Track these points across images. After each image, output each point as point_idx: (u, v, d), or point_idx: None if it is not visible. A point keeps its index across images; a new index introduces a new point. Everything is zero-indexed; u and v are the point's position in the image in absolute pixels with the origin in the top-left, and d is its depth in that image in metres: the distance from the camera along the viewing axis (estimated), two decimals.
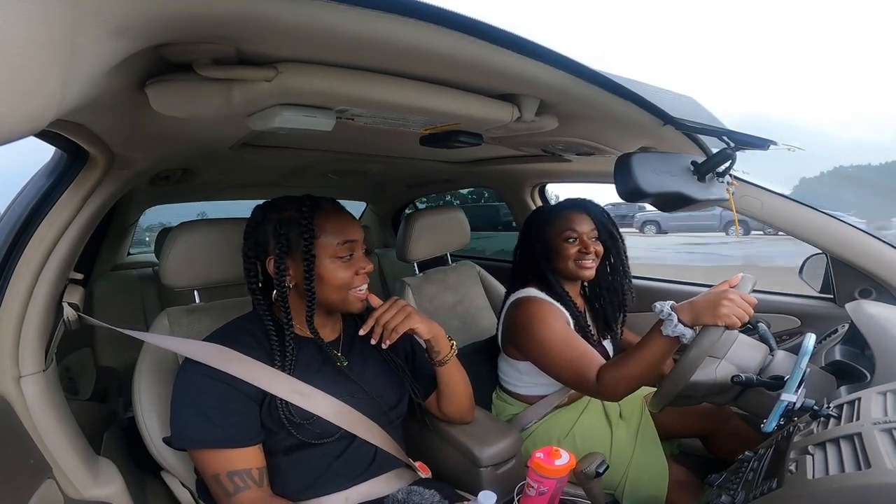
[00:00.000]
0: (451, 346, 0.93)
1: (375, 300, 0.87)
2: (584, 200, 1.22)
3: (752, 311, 0.81)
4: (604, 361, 0.97)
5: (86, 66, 0.36)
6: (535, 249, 1.18)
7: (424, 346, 0.93)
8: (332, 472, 0.81)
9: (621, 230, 1.23)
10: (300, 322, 0.84)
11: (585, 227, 1.15)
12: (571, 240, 1.14)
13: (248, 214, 0.87)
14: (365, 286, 0.85)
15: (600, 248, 1.16)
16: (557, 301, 1.13)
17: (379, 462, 0.86)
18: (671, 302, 0.85)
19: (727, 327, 0.81)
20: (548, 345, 1.03)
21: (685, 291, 1.61)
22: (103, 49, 0.36)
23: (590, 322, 1.20)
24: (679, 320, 0.83)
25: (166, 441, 0.77)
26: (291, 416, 0.77)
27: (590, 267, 1.14)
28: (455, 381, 0.96)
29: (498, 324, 1.25)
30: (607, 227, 1.19)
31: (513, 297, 1.17)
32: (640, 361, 0.88)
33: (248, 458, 0.74)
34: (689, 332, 0.83)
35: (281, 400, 0.76)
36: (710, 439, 1.23)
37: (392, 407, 0.90)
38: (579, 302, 1.21)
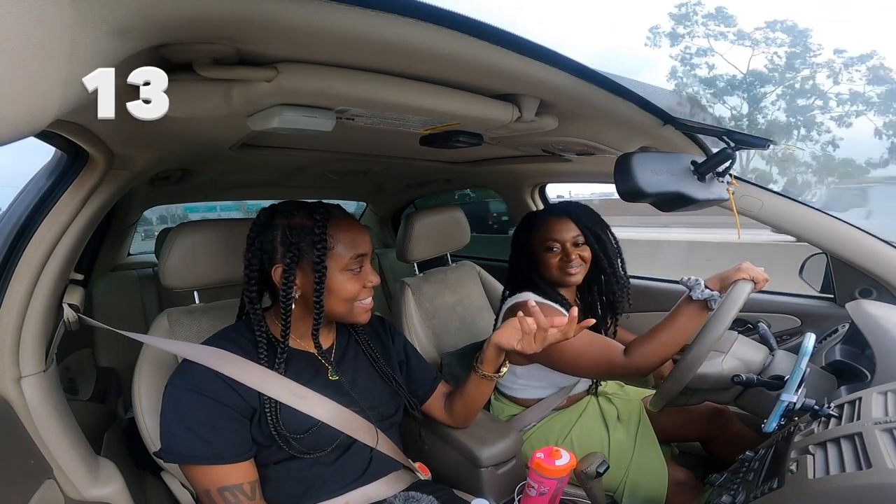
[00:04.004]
0: (500, 371, 0.90)
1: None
2: (567, 204, 1.21)
3: (767, 279, 0.93)
4: (619, 344, 0.97)
5: (86, 66, 0.36)
6: (523, 258, 1.18)
7: (481, 356, 0.89)
8: (325, 479, 0.81)
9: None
10: (295, 333, 0.83)
11: (568, 234, 1.13)
12: (554, 249, 1.13)
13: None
14: (370, 298, 0.84)
15: (587, 253, 1.14)
16: (555, 304, 1.13)
17: (375, 466, 0.85)
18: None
19: (754, 281, 0.90)
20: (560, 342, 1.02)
21: (681, 291, 1.62)
22: (103, 49, 0.36)
23: None
24: (706, 286, 0.91)
25: (157, 454, 0.76)
26: (282, 430, 0.75)
27: (575, 273, 1.13)
28: (481, 394, 0.95)
29: (495, 326, 1.24)
30: (594, 230, 1.16)
31: (510, 303, 1.16)
32: (670, 329, 0.92)
33: (240, 474, 0.73)
34: (716, 295, 0.90)
35: (271, 415, 0.75)
36: (710, 443, 1.23)
37: (385, 417, 0.89)
38: (574, 304, 1.21)
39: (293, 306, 0.78)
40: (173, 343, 0.83)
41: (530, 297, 1.12)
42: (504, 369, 0.91)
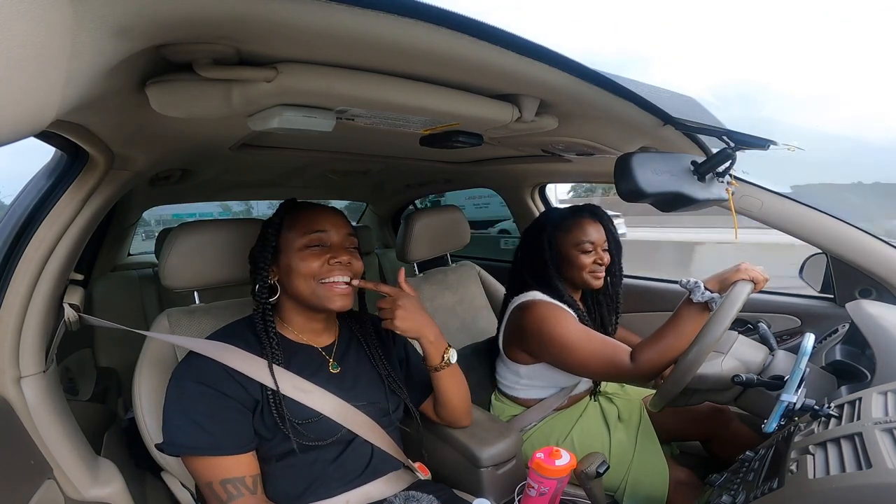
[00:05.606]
0: (444, 358, 0.90)
1: (384, 288, 0.88)
2: (596, 208, 1.21)
3: (766, 278, 0.94)
4: (626, 347, 0.98)
5: (86, 66, 0.36)
6: (543, 256, 1.16)
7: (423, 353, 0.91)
8: (326, 476, 0.81)
9: None
10: (297, 328, 0.85)
11: (600, 237, 1.15)
12: (589, 250, 1.14)
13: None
14: (342, 279, 0.81)
15: (608, 258, 1.16)
16: (563, 304, 1.13)
17: (376, 464, 0.85)
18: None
19: (753, 282, 0.91)
20: (569, 342, 1.02)
21: (682, 292, 1.62)
22: (103, 49, 0.36)
23: (589, 324, 1.20)
24: (706, 287, 0.93)
25: (159, 447, 0.76)
26: (286, 414, 0.76)
27: (601, 277, 1.15)
28: (447, 387, 0.94)
29: (499, 327, 1.24)
30: (614, 235, 1.19)
31: (516, 301, 1.16)
32: (673, 333, 0.94)
33: (242, 466, 0.74)
34: (716, 297, 0.92)
35: (275, 405, 0.76)
36: (710, 442, 1.23)
37: (386, 414, 0.89)
38: (580, 306, 1.21)
39: (269, 294, 0.83)
40: (179, 337, 0.83)
41: (538, 296, 1.13)
42: (447, 355, 0.91)
